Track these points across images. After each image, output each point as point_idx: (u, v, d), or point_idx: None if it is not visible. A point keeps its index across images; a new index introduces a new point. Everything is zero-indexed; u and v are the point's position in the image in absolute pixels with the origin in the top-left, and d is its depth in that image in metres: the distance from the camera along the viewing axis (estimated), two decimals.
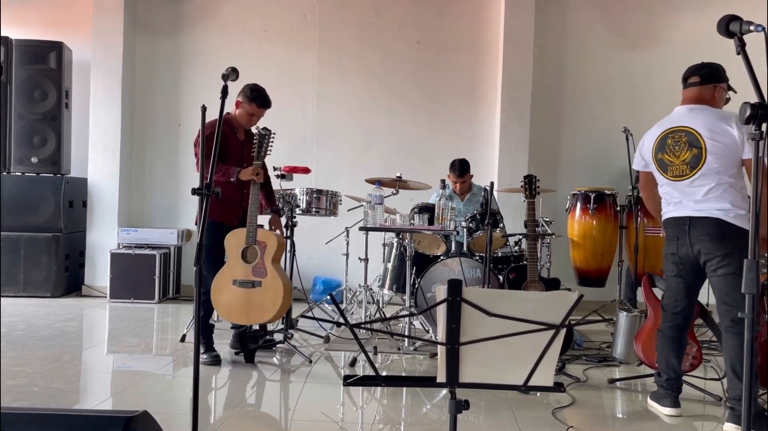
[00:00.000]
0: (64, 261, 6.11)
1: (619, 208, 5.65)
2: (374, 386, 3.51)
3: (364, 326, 4.22)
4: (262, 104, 4.08)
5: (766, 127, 1.75)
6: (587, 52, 6.42)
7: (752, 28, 1.84)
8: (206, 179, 2.51)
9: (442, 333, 1.67)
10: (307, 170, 5.21)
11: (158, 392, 3.49)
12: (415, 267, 4.62)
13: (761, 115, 1.75)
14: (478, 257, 4.65)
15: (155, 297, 5.96)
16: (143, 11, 6.56)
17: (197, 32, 6.55)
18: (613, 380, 3.82)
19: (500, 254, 4.83)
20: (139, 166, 6.61)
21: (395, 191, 5.00)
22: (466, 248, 4.68)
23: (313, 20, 6.52)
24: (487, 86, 6.43)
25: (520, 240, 5.02)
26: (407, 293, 4.51)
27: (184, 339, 4.46)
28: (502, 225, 4.80)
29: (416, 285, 4.61)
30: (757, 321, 2.84)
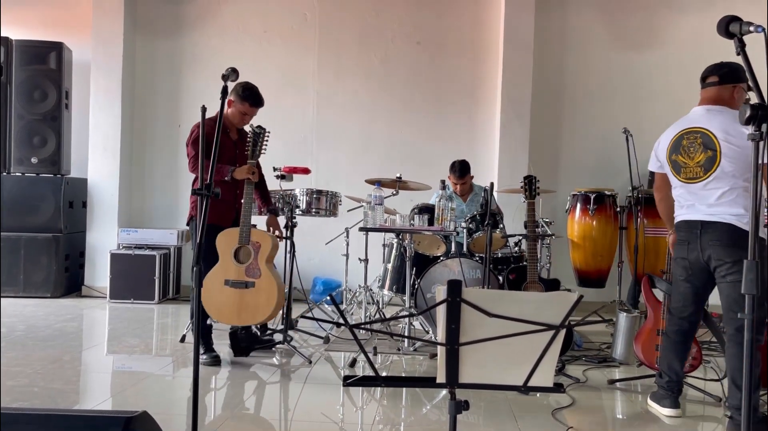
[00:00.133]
0: (64, 262, 6.11)
1: (619, 208, 5.66)
2: (374, 386, 3.51)
3: (363, 327, 4.23)
4: (254, 103, 3.99)
5: (766, 127, 1.75)
6: (587, 52, 6.41)
7: (752, 28, 1.83)
8: (206, 180, 2.49)
9: (441, 334, 1.67)
10: (307, 171, 5.21)
11: (158, 392, 3.49)
12: (414, 268, 4.62)
13: (761, 115, 1.75)
14: (477, 258, 4.65)
15: (155, 298, 5.96)
16: (143, 12, 6.56)
17: (197, 33, 6.56)
18: (612, 381, 3.83)
19: (500, 255, 4.82)
20: (139, 166, 6.61)
21: (395, 192, 5.00)
22: (466, 249, 4.68)
23: (313, 21, 6.52)
24: (487, 86, 6.43)
25: (520, 241, 5.03)
26: (407, 294, 4.51)
27: (183, 340, 4.46)
28: (502, 226, 4.80)
29: (416, 286, 4.61)
30: (761, 330, 2.84)
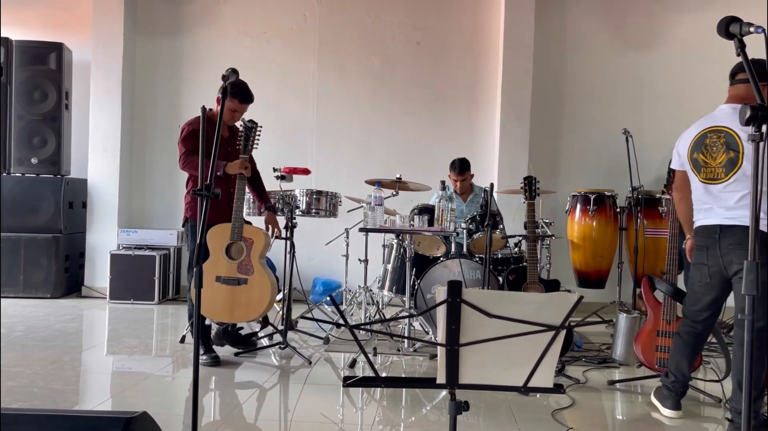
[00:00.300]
0: (63, 262, 6.11)
1: (618, 209, 5.66)
2: (374, 387, 3.50)
3: (363, 327, 4.23)
4: (244, 99, 3.95)
5: (766, 128, 1.75)
6: (587, 53, 6.41)
7: (752, 29, 1.83)
8: (204, 179, 2.49)
9: (441, 335, 1.67)
10: (306, 171, 5.21)
11: (158, 393, 3.49)
12: (414, 269, 4.62)
13: (761, 116, 1.75)
14: (477, 258, 4.65)
15: (155, 298, 5.96)
16: (143, 13, 6.56)
17: (197, 33, 6.56)
18: (612, 382, 3.82)
19: (500, 255, 4.82)
20: (139, 167, 6.61)
21: (395, 192, 5.00)
22: (465, 249, 4.68)
23: (313, 22, 6.52)
24: (487, 87, 6.43)
25: (519, 242, 5.03)
26: (407, 294, 4.51)
27: (183, 340, 4.46)
28: (501, 227, 4.79)
29: (416, 287, 4.61)
30: None
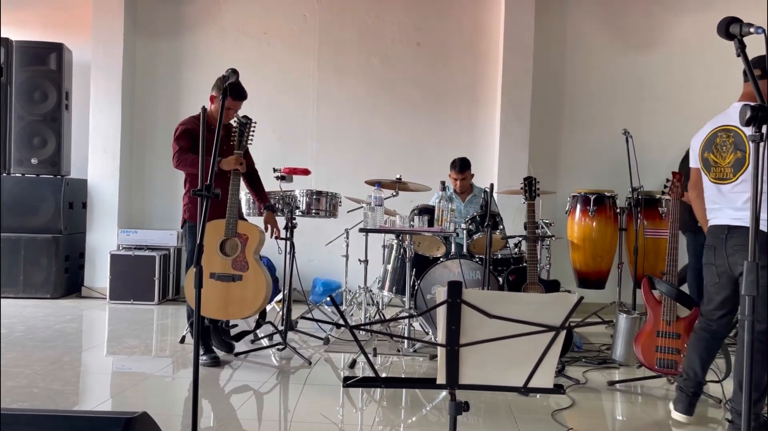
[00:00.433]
0: (63, 263, 6.11)
1: (618, 210, 5.66)
2: (374, 387, 3.50)
3: (363, 328, 4.24)
4: (237, 96, 3.91)
5: (766, 129, 1.75)
6: (587, 53, 6.41)
7: (752, 30, 1.83)
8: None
9: (442, 335, 1.67)
10: (306, 172, 5.21)
11: (158, 393, 3.49)
12: (414, 269, 4.62)
13: (761, 117, 1.75)
14: (477, 259, 4.65)
15: (155, 299, 5.96)
16: (143, 13, 6.56)
17: (197, 34, 6.56)
18: (612, 382, 3.82)
19: (500, 256, 4.82)
20: (139, 167, 6.61)
21: (395, 193, 5.00)
22: (465, 250, 4.68)
23: (313, 22, 6.52)
24: (487, 88, 6.43)
25: (519, 242, 5.03)
26: (407, 295, 4.51)
27: (183, 341, 4.46)
28: (501, 227, 4.79)
29: (416, 287, 4.61)
30: None
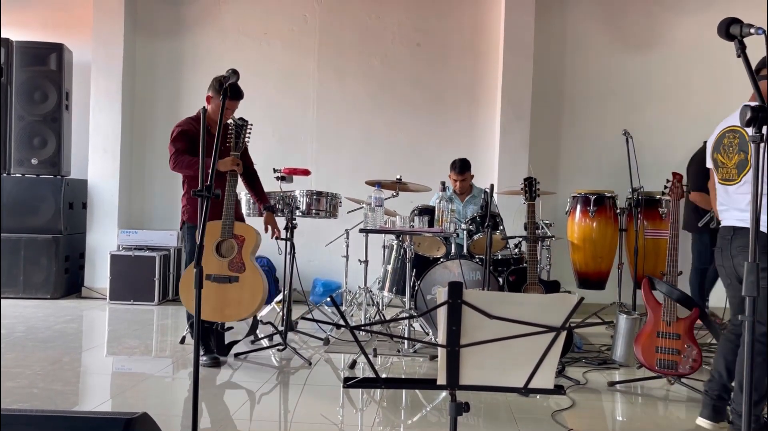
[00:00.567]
0: (63, 263, 6.11)
1: (619, 210, 5.66)
2: (374, 388, 3.50)
3: (364, 328, 4.24)
4: (234, 96, 3.83)
5: (766, 129, 1.75)
6: (587, 54, 6.41)
7: (752, 31, 1.83)
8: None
9: (442, 336, 1.67)
10: (307, 172, 5.21)
11: (158, 394, 3.49)
12: (415, 270, 4.62)
13: (761, 117, 1.75)
14: (478, 259, 4.65)
15: (155, 299, 5.95)
16: (144, 13, 6.56)
17: (197, 34, 6.56)
18: (612, 383, 3.82)
19: (500, 256, 4.82)
20: (139, 167, 6.61)
21: (395, 193, 5.00)
22: (466, 250, 4.68)
23: (313, 23, 6.52)
24: (487, 88, 6.43)
25: (520, 243, 5.03)
26: (407, 295, 4.51)
27: (183, 341, 4.45)
28: (502, 228, 4.79)
29: (416, 288, 4.61)
30: None
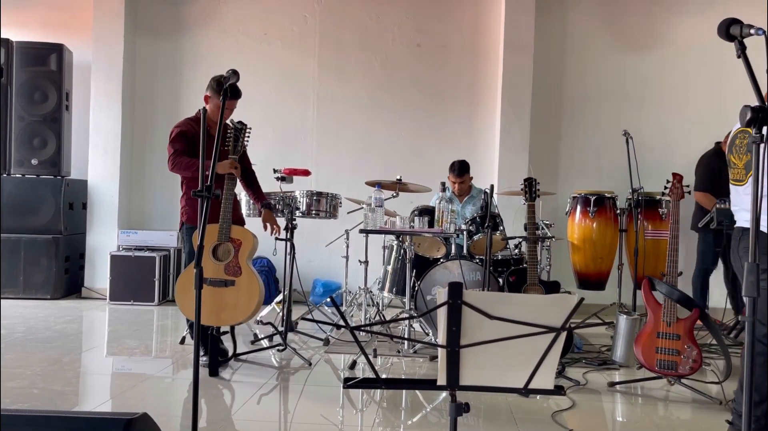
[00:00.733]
0: (63, 263, 6.11)
1: (619, 211, 5.66)
2: (374, 388, 3.50)
3: (364, 328, 4.24)
4: (232, 95, 3.70)
5: (766, 130, 1.75)
6: (587, 55, 6.41)
7: (752, 31, 1.83)
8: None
9: (442, 336, 1.67)
10: (307, 173, 5.21)
11: (158, 394, 3.49)
12: (415, 270, 4.62)
13: (761, 118, 1.75)
14: (478, 260, 4.65)
15: (155, 300, 5.95)
16: (144, 14, 6.56)
17: (198, 35, 6.56)
18: (612, 383, 3.82)
19: (500, 257, 4.82)
20: (139, 168, 6.61)
21: (395, 194, 5.00)
22: (466, 251, 4.68)
23: (313, 23, 6.52)
24: (487, 89, 6.43)
25: (520, 243, 5.03)
26: (407, 296, 4.51)
27: (183, 342, 4.46)
28: (502, 228, 4.79)
29: (416, 288, 4.61)
30: None
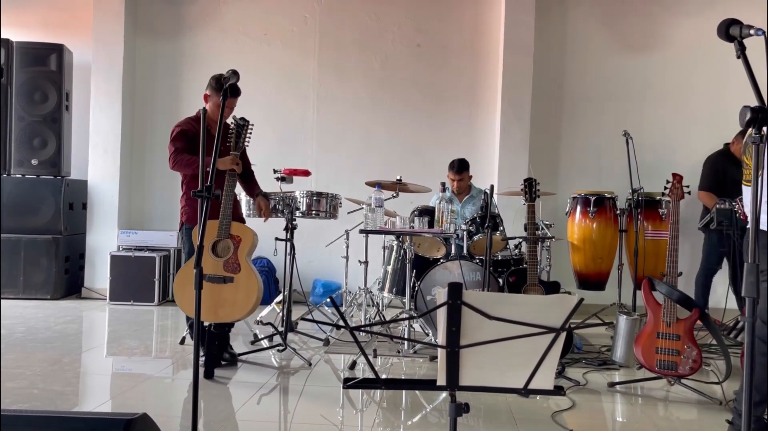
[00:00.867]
0: (63, 264, 6.11)
1: (619, 211, 5.66)
2: (374, 389, 3.50)
3: (364, 329, 4.24)
4: (231, 93, 3.71)
5: (766, 130, 1.75)
6: (587, 55, 6.41)
7: (752, 32, 1.84)
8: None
9: (442, 336, 1.67)
10: (307, 173, 5.21)
11: (158, 394, 3.49)
12: (415, 270, 4.62)
13: (761, 118, 1.75)
14: (478, 260, 4.65)
15: (155, 300, 5.95)
16: (144, 14, 6.56)
17: (198, 35, 6.56)
18: (612, 384, 3.82)
19: (500, 257, 4.82)
20: (139, 168, 6.61)
21: (395, 194, 5.00)
22: (466, 251, 4.68)
23: (313, 24, 6.52)
24: (487, 89, 6.43)
25: (520, 244, 5.03)
26: (407, 296, 4.51)
27: (183, 342, 4.46)
28: (502, 229, 4.79)
29: (416, 288, 4.61)
30: None
